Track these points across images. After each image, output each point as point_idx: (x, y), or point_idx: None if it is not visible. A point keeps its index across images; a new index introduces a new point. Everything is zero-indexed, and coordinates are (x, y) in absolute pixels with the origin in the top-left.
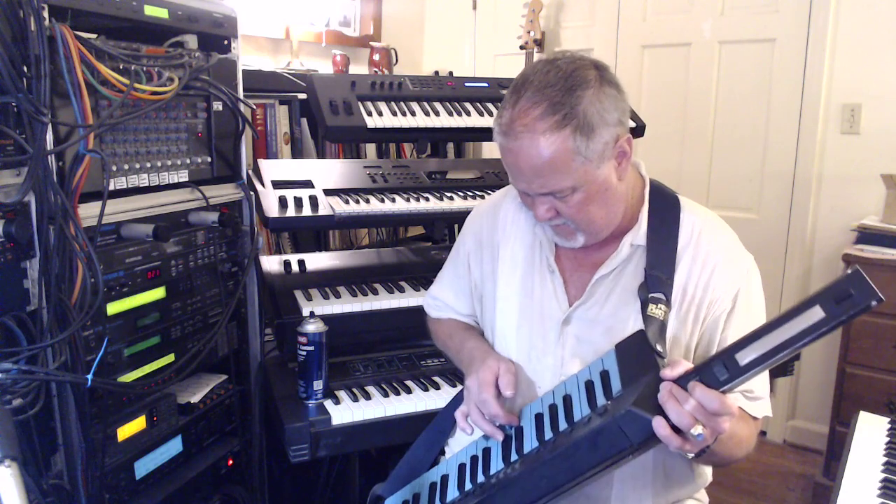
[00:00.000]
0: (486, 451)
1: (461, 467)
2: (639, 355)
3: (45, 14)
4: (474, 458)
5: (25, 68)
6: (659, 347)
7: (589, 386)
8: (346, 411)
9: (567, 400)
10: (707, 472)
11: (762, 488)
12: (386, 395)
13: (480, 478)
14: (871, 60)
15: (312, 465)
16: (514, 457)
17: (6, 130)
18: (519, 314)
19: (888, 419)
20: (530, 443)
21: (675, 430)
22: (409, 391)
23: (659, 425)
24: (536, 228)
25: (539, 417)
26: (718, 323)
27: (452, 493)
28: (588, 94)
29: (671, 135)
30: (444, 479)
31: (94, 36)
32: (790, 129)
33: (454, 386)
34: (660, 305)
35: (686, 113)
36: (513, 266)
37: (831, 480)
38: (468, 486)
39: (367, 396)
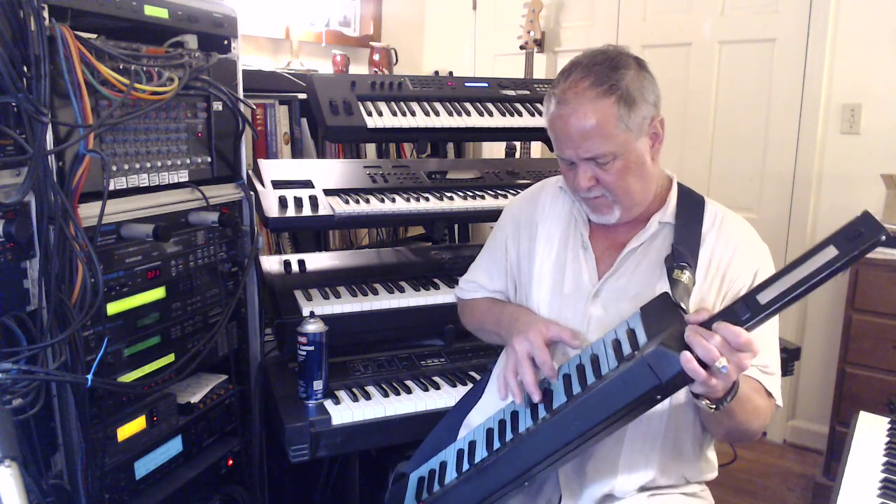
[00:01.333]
0: (515, 414)
1: (489, 432)
2: (663, 312)
3: (45, 14)
4: (502, 423)
5: (25, 68)
6: (683, 305)
7: (616, 344)
8: (346, 411)
9: (594, 359)
10: (713, 459)
11: (762, 488)
12: (386, 395)
13: (509, 436)
14: (871, 60)
15: (312, 465)
16: (542, 414)
17: (6, 130)
18: (552, 289)
19: (888, 419)
20: (559, 400)
21: (702, 365)
22: (409, 391)
23: (686, 359)
24: (574, 209)
25: (567, 378)
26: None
27: (481, 454)
28: (630, 73)
29: (671, 134)
30: (472, 444)
31: (94, 36)
32: (790, 129)
33: (454, 386)
34: (685, 272)
35: (686, 113)
36: (548, 244)
37: (831, 480)
38: (496, 445)
39: (367, 396)
